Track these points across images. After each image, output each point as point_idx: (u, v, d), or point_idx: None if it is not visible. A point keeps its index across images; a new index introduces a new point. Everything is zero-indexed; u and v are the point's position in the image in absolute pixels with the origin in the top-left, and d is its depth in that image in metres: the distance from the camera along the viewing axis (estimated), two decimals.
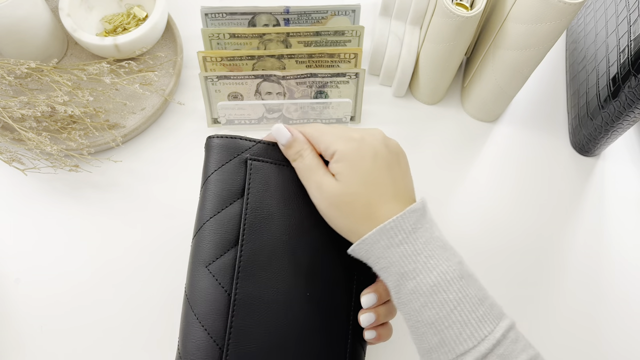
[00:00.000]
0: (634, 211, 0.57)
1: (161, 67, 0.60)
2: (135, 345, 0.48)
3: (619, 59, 0.50)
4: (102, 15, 0.62)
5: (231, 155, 0.41)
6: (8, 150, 0.51)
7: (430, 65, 0.56)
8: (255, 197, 0.39)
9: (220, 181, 0.40)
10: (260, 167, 0.40)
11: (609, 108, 0.52)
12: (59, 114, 0.51)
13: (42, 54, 0.58)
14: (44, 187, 0.54)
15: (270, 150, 0.41)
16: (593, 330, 0.51)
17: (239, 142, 0.41)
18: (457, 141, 0.60)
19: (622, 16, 0.51)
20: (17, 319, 0.48)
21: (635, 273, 0.53)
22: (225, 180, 0.40)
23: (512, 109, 0.63)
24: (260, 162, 0.41)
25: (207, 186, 0.41)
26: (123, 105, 0.57)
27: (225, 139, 0.41)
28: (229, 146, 0.41)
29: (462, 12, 0.48)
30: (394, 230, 0.34)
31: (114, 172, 0.56)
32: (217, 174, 0.40)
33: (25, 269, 0.50)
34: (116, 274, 0.51)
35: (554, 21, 0.45)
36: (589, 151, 0.59)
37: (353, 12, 0.57)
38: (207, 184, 0.41)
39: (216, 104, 0.56)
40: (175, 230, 0.53)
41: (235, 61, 0.56)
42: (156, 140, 0.58)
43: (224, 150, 0.41)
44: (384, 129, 0.60)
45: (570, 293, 0.52)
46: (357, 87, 0.56)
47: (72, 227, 0.53)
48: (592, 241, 0.55)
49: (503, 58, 0.52)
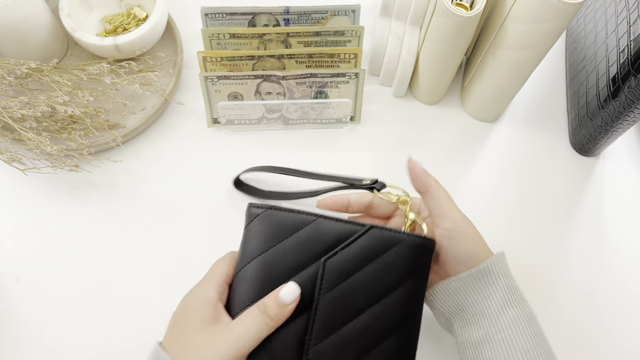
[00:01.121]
0: (634, 211, 0.57)
1: (161, 67, 0.60)
2: (136, 346, 0.48)
3: (618, 59, 0.50)
4: (102, 16, 0.62)
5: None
6: (8, 150, 0.51)
7: (430, 65, 0.56)
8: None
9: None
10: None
11: (608, 108, 0.52)
12: (59, 114, 0.51)
13: (42, 54, 0.58)
14: (44, 187, 0.54)
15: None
16: (593, 330, 0.51)
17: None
18: (457, 141, 0.60)
19: (621, 16, 0.51)
20: (17, 319, 0.48)
21: (636, 273, 0.53)
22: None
23: (512, 109, 0.63)
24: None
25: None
26: (123, 106, 0.57)
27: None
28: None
29: (462, 12, 0.48)
30: (504, 259, 0.40)
31: (114, 172, 0.56)
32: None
33: (25, 269, 0.50)
34: (116, 273, 0.51)
35: (553, 21, 0.45)
36: (589, 151, 0.59)
37: (353, 12, 0.57)
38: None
39: (216, 104, 0.56)
40: (175, 230, 0.53)
41: (235, 61, 0.56)
42: (156, 140, 0.58)
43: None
44: (384, 129, 0.61)
45: (570, 293, 0.52)
46: (357, 87, 0.56)
47: (72, 227, 0.53)
48: (592, 241, 0.55)
49: (503, 58, 0.52)
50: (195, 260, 0.51)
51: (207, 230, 0.53)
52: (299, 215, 0.39)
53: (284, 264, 0.38)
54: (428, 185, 0.40)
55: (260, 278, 0.38)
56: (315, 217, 0.39)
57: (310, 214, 0.39)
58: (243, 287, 0.38)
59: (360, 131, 0.60)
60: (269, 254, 0.38)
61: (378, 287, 0.37)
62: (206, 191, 0.55)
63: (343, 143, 0.59)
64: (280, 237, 0.39)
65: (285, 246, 0.38)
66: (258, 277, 0.38)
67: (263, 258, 0.38)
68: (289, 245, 0.38)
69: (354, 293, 0.37)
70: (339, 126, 0.59)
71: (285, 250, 0.38)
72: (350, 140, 0.59)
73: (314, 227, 0.39)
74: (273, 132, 0.59)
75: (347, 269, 0.38)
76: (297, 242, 0.38)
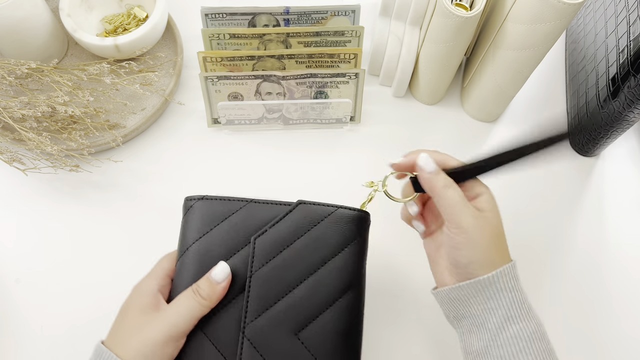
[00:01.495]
0: (633, 211, 0.57)
1: (161, 67, 0.60)
2: None
3: (618, 59, 0.50)
4: (102, 16, 0.62)
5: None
6: (9, 151, 0.51)
7: (430, 66, 0.56)
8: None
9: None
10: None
11: (608, 108, 0.52)
12: (59, 114, 0.51)
13: (42, 54, 0.58)
14: (44, 187, 0.54)
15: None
16: (593, 329, 0.51)
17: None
18: (456, 141, 0.60)
19: (621, 16, 0.51)
20: (17, 319, 0.48)
21: (635, 273, 0.54)
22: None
23: (512, 109, 0.63)
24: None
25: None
26: (123, 106, 0.57)
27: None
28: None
29: (461, 13, 0.48)
30: (513, 272, 0.37)
31: (115, 172, 0.56)
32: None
33: (25, 269, 0.50)
34: (116, 273, 0.51)
35: (553, 21, 0.45)
36: (589, 151, 0.59)
37: (353, 13, 0.57)
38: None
39: (216, 104, 0.56)
40: (175, 230, 0.53)
41: (235, 61, 0.56)
42: (156, 140, 0.58)
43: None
44: (384, 129, 0.61)
45: (570, 293, 0.52)
46: (357, 87, 0.56)
47: (72, 227, 0.53)
48: (591, 241, 0.55)
49: (503, 58, 0.52)
50: None
51: None
52: (230, 202, 0.40)
53: (218, 249, 0.39)
54: (432, 189, 0.38)
55: (196, 265, 0.39)
56: (247, 202, 0.40)
57: (242, 199, 0.40)
58: (181, 275, 0.39)
59: (360, 131, 0.60)
60: (203, 241, 0.39)
61: (311, 260, 0.38)
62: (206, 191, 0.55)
63: (343, 143, 0.59)
64: (213, 224, 0.40)
65: (218, 231, 0.39)
66: (194, 264, 0.39)
67: (197, 245, 0.39)
68: (222, 230, 0.39)
69: (286, 268, 0.38)
70: (339, 126, 0.59)
71: (219, 235, 0.39)
72: (350, 140, 0.59)
73: (245, 212, 0.40)
74: (273, 132, 0.59)
75: (278, 245, 0.38)
76: (229, 226, 0.39)
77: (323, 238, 0.39)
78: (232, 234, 0.39)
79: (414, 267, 0.51)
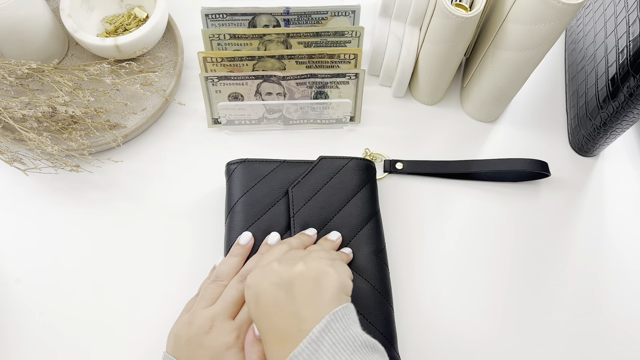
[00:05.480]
0: (633, 211, 0.57)
1: (162, 67, 0.61)
2: (136, 345, 0.48)
3: (617, 59, 0.50)
4: (103, 16, 0.62)
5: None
6: (9, 151, 0.51)
7: (429, 66, 0.56)
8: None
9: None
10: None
11: (607, 108, 0.52)
12: (59, 114, 0.51)
13: (42, 55, 0.58)
14: (44, 188, 0.55)
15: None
16: (593, 331, 0.51)
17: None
18: (456, 141, 0.60)
19: (620, 17, 0.52)
20: (18, 319, 0.48)
21: (635, 273, 0.54)
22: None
23: (512, 109, 0.63)
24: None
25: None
26: (124, 106, 0.57)
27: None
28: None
29: (461, 13, 0.48)
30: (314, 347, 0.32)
31: (115, 172, 0.56)
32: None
33: (26, 269, 0.51)
34: (117, 274, 0.51)
35: (553, 22, 0.46)
36: (588, 151, 0.59)
37: (353, 13, 0.58)
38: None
39: (217, 105, 0.57)
40: (175, 230, 0.53)
41: (235, 62, 0.56)
42: (157, 140, 0.58)
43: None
44: (383, 129, 0.61)
45: (569, 294, 0.52)
46: (356, 88, 0.56)
47: (73, 227, 0.53)
48: (591, 241, 0.55)
49: (502, 58, 0.52)
50: (196, 260, 0.51)
51: (207, 230, 0.53)
52: (266, 163, 0.51)
53: (261, 200, 0.49)
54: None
55: (245, 213, 0.48)
56: (280, 162, 0.51)
57: (276, 160, 0.51)
58: (233, 222, 0.48)
59: (360, 131, 0.60)
60: (248, 195, 0.49)
61: (337, 199, 0.49)
62: (206, 191, 0.55)
63: (343, 143, 0.59)
64: (255, 181, 0.50)
65: (260, 187, 0.50)
66: (243, 213, 0.48)
67: (244, 199, 0.49)
68: (264, 185, 0.50)
69: (319, 207, 0.49)
70: (339, 126, 0.60)
71: (261, 190, 0.49)
72: (350, 141, 0.59)
73: (279, 170, 0.50)
74: (273, 132, 0.59)
75: (310, 191, 0.49)
76: (268, 182, 0.50)
77: (344, 182, 0.50)
78: (272, 187, 0.50)
79: (413, 262, 0.51)
